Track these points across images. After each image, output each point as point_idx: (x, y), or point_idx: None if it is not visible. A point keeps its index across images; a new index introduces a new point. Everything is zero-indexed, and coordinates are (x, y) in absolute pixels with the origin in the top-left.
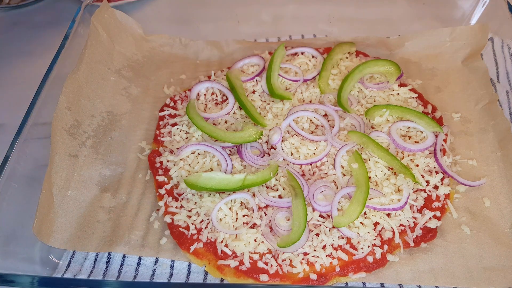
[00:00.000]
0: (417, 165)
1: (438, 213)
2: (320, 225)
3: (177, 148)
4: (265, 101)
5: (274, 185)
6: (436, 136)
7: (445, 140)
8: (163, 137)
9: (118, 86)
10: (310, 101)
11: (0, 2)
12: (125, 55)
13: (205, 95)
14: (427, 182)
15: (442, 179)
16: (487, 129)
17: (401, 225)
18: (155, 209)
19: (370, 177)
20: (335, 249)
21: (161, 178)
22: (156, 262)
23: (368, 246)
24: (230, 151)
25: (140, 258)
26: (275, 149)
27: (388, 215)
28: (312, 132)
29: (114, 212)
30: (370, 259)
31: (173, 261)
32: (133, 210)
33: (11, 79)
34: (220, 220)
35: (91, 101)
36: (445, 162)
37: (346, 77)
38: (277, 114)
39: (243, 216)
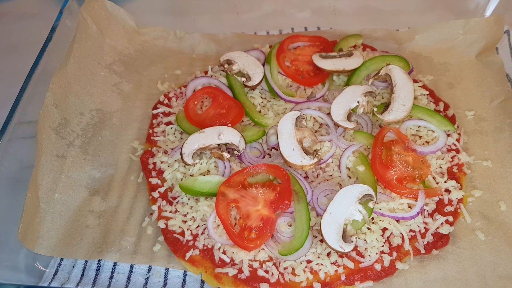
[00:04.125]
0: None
1: (450, 218)
2: None
3: (172, 149)
4: (265, 98)
5: None
6: (448, 135)
7: (458, 140)
8: (156, 136)
9: (108, 82)
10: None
11: None
12: (116, 49)
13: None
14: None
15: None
16: (503, 128)
17: (411, 230)
18: (148, 213)
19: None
20: (341, 256)
21: (154, 181)
22: (149, 270)
23: (376, 253)
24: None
25: (132, 266)
26: (276, 149)
27: (397, 220)
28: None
29: (104, 216)
30: (378, 267)
31: (167, 269)
32: (124, 214)
33: None
34: (218, 226)
35: (80, 98)
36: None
37: (352, 73)
38: (278, 112)
39: None
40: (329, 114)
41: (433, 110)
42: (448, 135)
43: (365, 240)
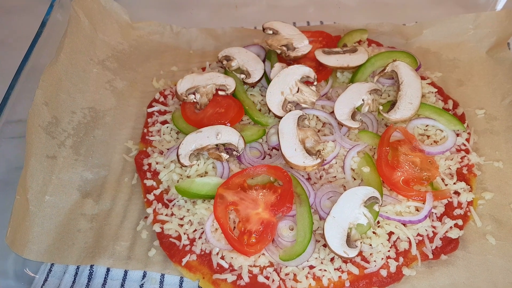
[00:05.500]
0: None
1: (460, 222)
2: None
3: (167, 149)
4: (266, 96)
5: None
6: (458, 135)
7: (468, 140)
8: (151, 136)
9: (101, 79)
10: None
11: None
12: (109, 45)
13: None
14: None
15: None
16: None
17: (418, 235)
18: (142, 216)
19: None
20: (345, 261)
21: (149, 182)
22: (144, 276)
23: (382, 259)
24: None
25: (126, 272)
26: (277, 150)
27: (404, 224)
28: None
29: (97, 220)
30: (383, 273)
31: (163, 275)
32: (118, 218)
33: None
34: (216, 230)
35: (71, 95)
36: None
37: (356, 70)
38: None
39: None
40: (332, 113)
41: (441, 109)
42: (458, 135)
43: (370, 245)
